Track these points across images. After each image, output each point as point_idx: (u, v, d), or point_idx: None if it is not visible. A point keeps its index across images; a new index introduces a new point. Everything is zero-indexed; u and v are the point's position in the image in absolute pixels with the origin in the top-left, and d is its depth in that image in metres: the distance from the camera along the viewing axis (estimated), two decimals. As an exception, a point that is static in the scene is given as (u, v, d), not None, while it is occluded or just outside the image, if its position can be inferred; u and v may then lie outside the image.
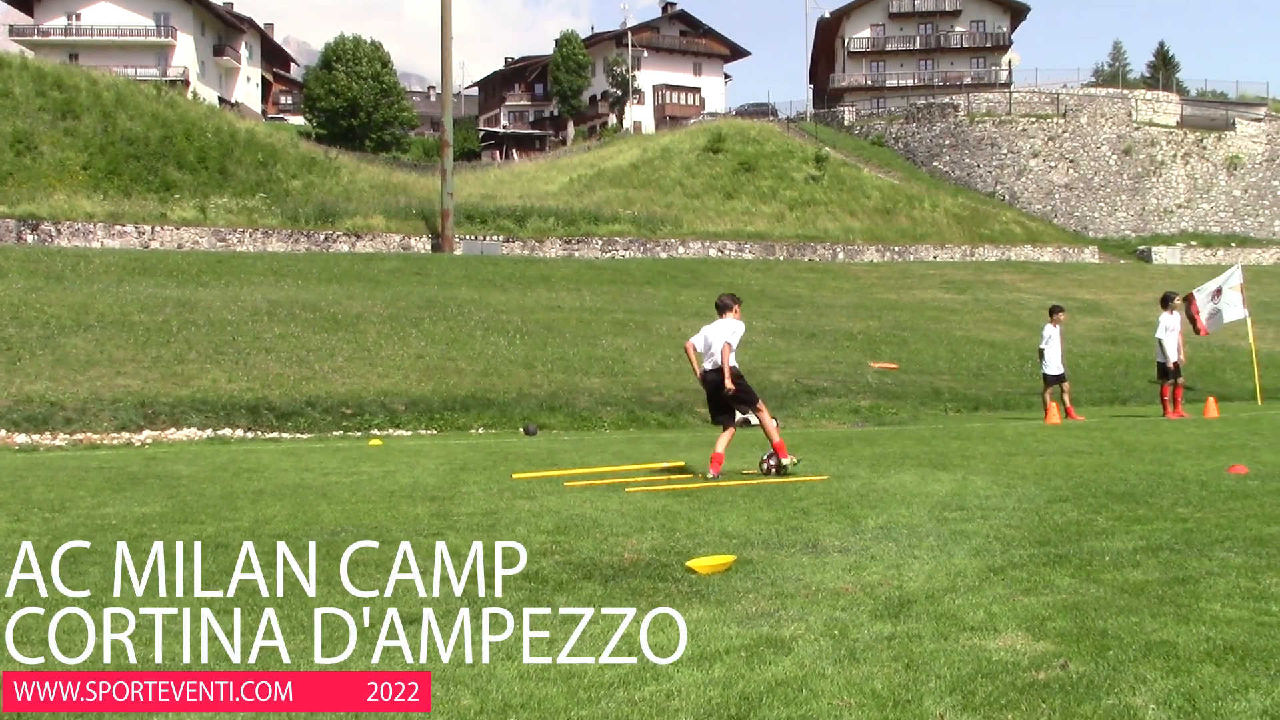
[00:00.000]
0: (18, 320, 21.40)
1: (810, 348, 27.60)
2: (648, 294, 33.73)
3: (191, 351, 21.14)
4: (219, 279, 29.72)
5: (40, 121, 44.44)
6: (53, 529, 8.09)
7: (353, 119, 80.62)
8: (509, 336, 24.97)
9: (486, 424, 19.99)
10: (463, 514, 8.75)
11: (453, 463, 13.08)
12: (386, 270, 33.62)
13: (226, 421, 18.63)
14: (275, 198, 44.64)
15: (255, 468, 12.61)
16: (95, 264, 30.04)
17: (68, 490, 10.38)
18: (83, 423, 17.73)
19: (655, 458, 13.53)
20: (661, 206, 51.88)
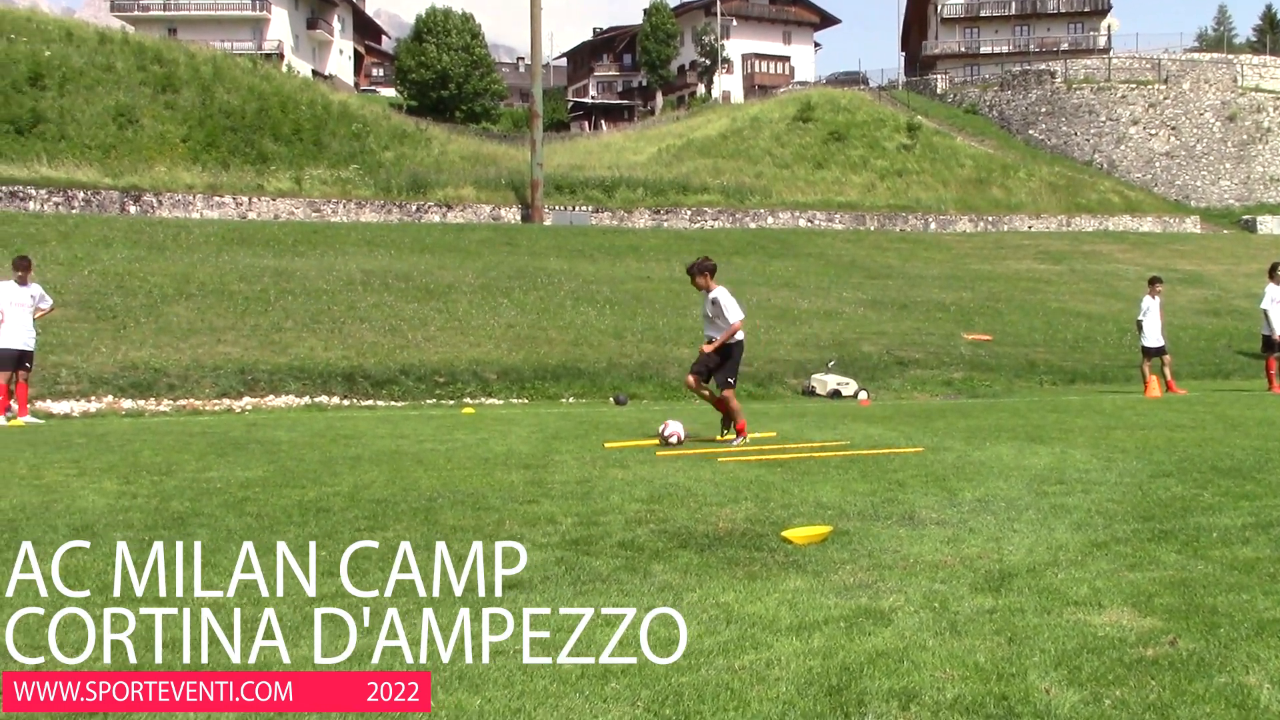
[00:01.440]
0: (123, 289, 21.98)
1: (902, 319, 27.31)
2: (737, 264, 33.58)
3: (289, 320, 21.54)
4: (314, 249, 30.21)
5: (141, 95, 45.42)
6: (161, 491, 8.29)
7: (443, 90, 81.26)
8: (598, 306, 25.06)
9: (577, 393, 20.11)
10: (557, 482, 8.82)
11: (545, 431, 13.18)
12: (477, 240, 33.91)
13: (323, 389, 18.97)
14: (368, 169, 45.19)
15: (352, 434, 12.81)
16: (195, 234, 30.71)
17: (174, 454, 10.64)
18: (185, 389, 18.18)
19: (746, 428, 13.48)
20: (750, 176, 51.55)
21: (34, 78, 43.42)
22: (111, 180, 39.56)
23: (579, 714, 3.62)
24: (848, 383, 21.19)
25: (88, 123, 42.84)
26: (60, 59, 45.08)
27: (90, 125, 42.77)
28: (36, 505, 7.66)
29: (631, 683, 3.88)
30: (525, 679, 3.92)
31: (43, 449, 11.11)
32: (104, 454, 10.69)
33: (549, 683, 3.89)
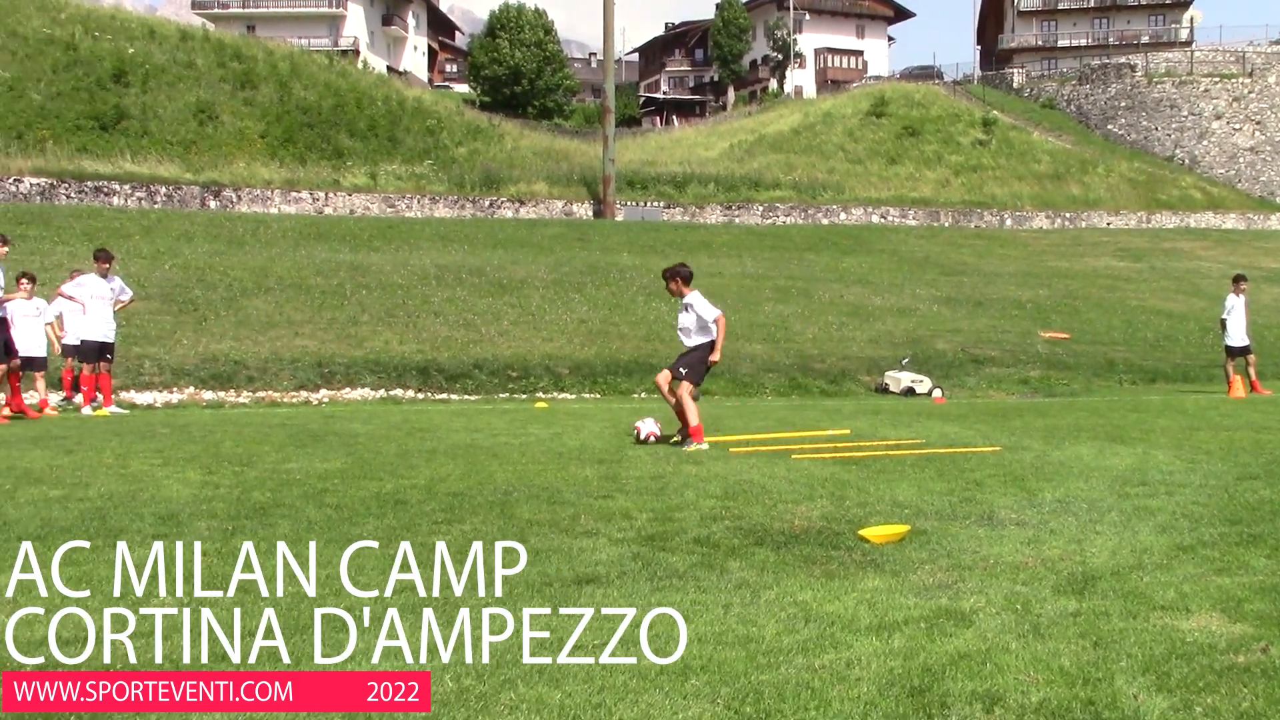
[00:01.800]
0: (204, 283, 22.38)
1: (977, 316, 26.99)
2: (809, 260, 33.42)
3: (364, 314, 21.79)
4: (389, 244, 30.53)
5: (221, 92, 46.19)
6: (242, 482, 8.43)
7: (515, 86, 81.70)
8: (670, 302, 24.99)
9: (649, 389, 20.13)
10: (631, 477, 8.83)
11: (618, 426, 13.21)
12: (549, 236, 34.06)
13: (398, 382, 19.17)
14: (442, 164, 45.57)
15: (427, 427, 12.94)
16: (273, 229, 31.18)
17: (253, 445, 10.82)
18: (264, 381, 18.47)
19: (820, 425, 13.42)
20: (823, 172, 51.23)
21: (118, 75, 44.32)
22: (192, 176, 40.29)
23: (659, 710, 3.62)
24: (922, 380, 20.99)
25: (169, 119, 43.66)
26: (143, 56, 45.98)
27: (172, 121, 43.59)
28: (124, 494, 7.82)
29: (711, 680, 3.88)
30: (604, 674, 3.92)
31: (128, 439, 11.35)
32: (186, 444, 10.90)
33: (628, 678, 3.89)
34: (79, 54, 44.67)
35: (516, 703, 3.64)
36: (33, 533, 6.41)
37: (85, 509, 7.22)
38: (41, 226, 27.77)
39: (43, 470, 8.92)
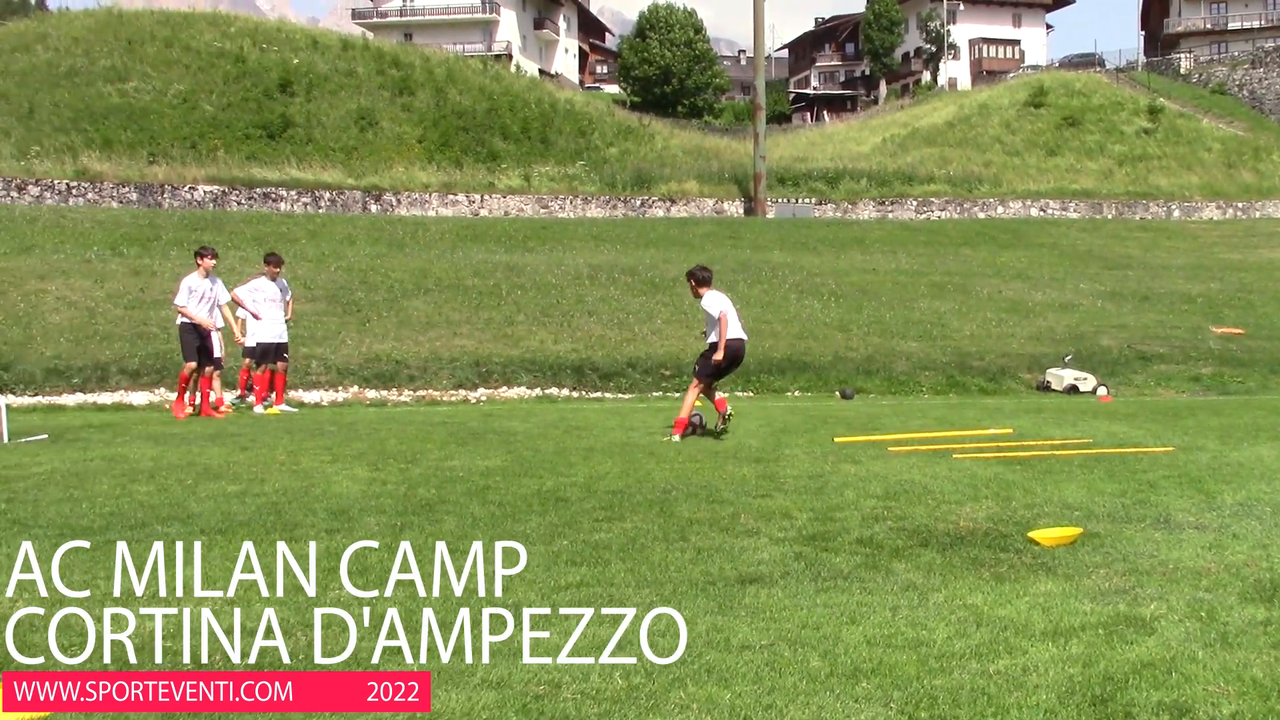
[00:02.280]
0: (366, 284, 23.03)
1: (1143, 311, 26.03)
2: (965, 255, 32.71)
3: (520, 314, 22.13)
4: (543, 244, 30.94)
5: (380, 99, 47.45)
6: (407, 479, 8.63)
7: (665, 86, 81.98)
8: (823, 299, 24.81)
9: (802, 387, 19.97)
10: (789, 476, 8.77)
11: (772, 425, 13.14)
12: (700, 234, 34.08)
13: (553, 381, 19.41)
14: (594, 165, 45.97)
15: (583, 425, 13.07)
16: (431, 231, 31.89)
17: (417, 443, 11.07)
18: (424, 380, 18.91)
19: (981, 424, 13.12)
20: (979, 165, 50.06)
21: (283, 84, 45.94)
22: (354, 180, 41.50)
23: (830, 713, 3.58)
24: (1086, 378, 20.34)
25: (332, 126, 45.05)
26: (307, 66, 47.54)
27: (334, 128, 44.97)
28: (297, 490, 8.09)
29: (883, 683, 3.81)
30: (774, 674, 3.89)
31: (298, 436, 11.74)
32: (353, 441, 11.22)
33: (798, 679, 3.85)
34: (247, 66, 46.44)
35: (686, 702, 3.64)
36: (214, 526, 6.68)
37: (262, 504, 7.49)
38: (215, 232, 28.96)
39: (221, 466, 9.29)
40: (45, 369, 17.93)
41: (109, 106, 42.46)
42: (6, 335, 18.82)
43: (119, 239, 26.82)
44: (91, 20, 48.99)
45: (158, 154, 40.25)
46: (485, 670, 3.96)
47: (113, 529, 6.59)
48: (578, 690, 3.75)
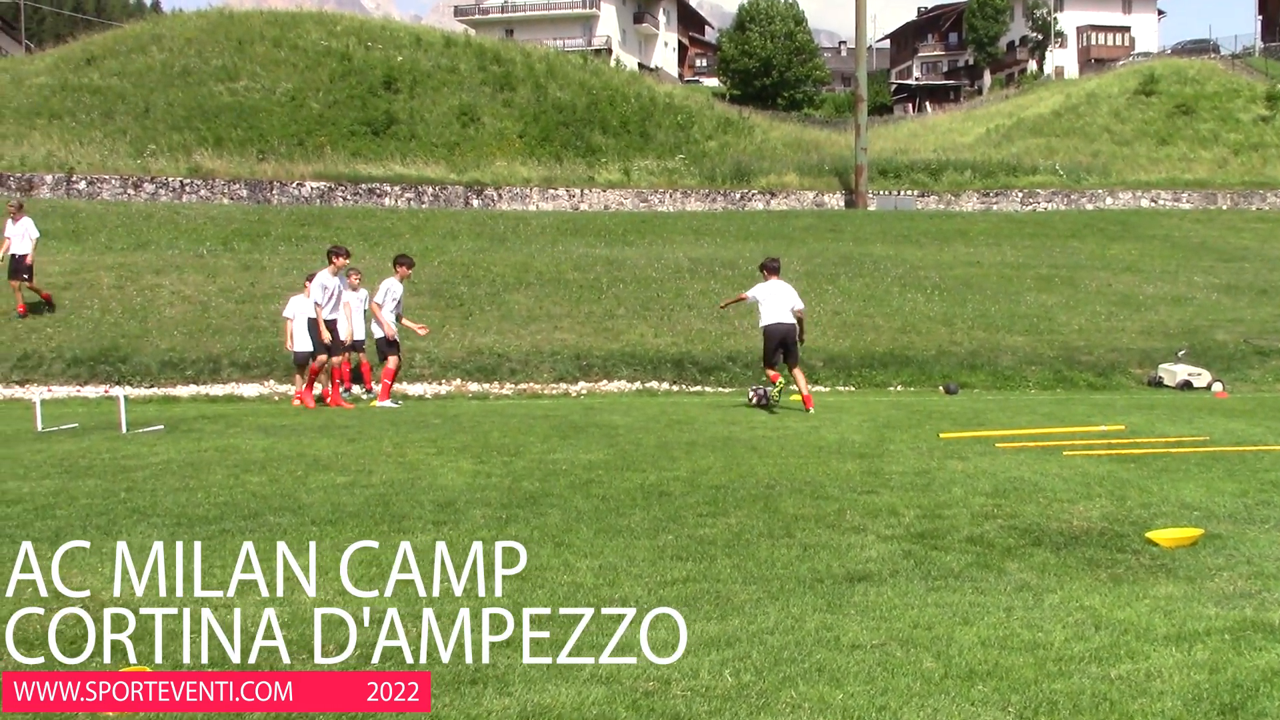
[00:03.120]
0: (468, 279, 23.23)
1: (1261, 305, 25.18)
2: (1073, 248, 31.95)
3: (620, 308, 22.15)
4: (643, 238, 30.94)
5: (482, 94, 47.87)
6: (511, 472, 8.69)
7: (765, 78, 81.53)
8: (926, 293, 24.44)
9: (905, 381, 19.70)
10: (894, 472, 8.65)
11: (876, 420, 12.98)
12: (801, 227, 33.80)
13: (653, 374, 19.41)
14: (693, 158, 45.86)
15: (684, 419, 13.04)
16: (532, 226, 32.10)
17: (519, 436, 11.15)
18: (525, 373, 19.03)
19: (1090, 420, 12.81)
20: (1087, 155, 48.85)
21: (388, 82, 46.60)
22: (456, 176, 41.92)
23: (946, 715, 3.51)
24: (1200, 373, 19.74)
25: (434, 122, 45.57)
26: (410, 64, 48.15)
27: (437, 124, 45.48)
28: (403, 481, 8.19)
29: (999, 686, 3.72)
30: (886, 675, 3.83)
31: (404, 428, 11.90)
32: (457, 434, 11.33)
33: (911, 680, 3.78)
34: (353, 64, 47.17)
35: (798, 701, 3.59)
36: (324, 517, 6.79)
37: (370, 495, 7.59)
38: (321, 227, 29.49)
39: (329, 458, 9.45)
40: (160, 361, 18.41)
41: (220, 105, 43.48)
42: (124, 329, 19.37)
43: (230, 234, 27.45)
44: (203, 21, 50.20)
45: (267, 151, 41.11)
46: (595, 665, 3.95)
47: (227, 519, 6.74)
48: (687, 687, 3.72)
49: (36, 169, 36.38)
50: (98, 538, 6.17)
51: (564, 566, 5.55)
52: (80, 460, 9.26)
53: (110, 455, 9.59)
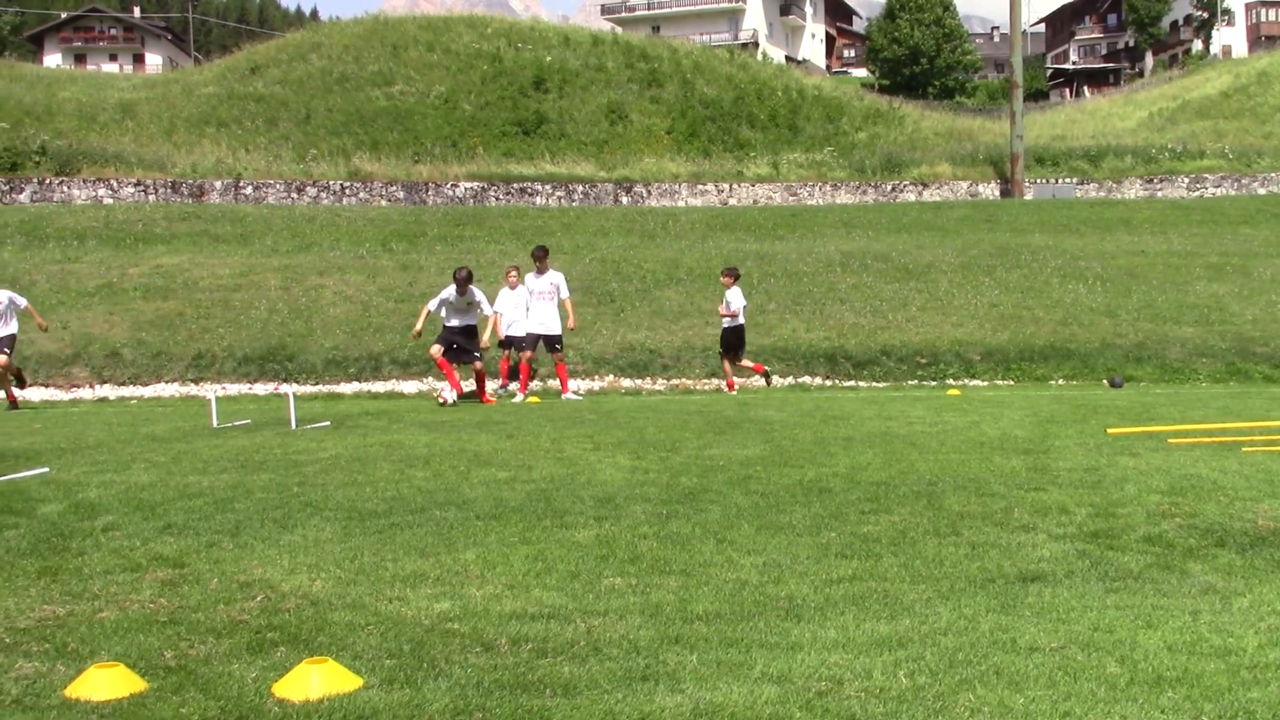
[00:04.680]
0: (619, 275, 23.42)
1: None
2: (1245, 235, 30.58)
3: (771, 302, 22.04)
4: (793, 232, 30.73)
5: (629, 92, 48.20)
6: (669, 467, 8.71)
7: (915, 67, 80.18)
8: (1088, 284, 23.69)
9: (1067, 375, 19.14)
10: (1062, 469, 8.39)
11: (1038, 415, 12.63)
12: (955, 218, 33.11)
13: (806, 369, 19.27)
14: (842, 150, 45.36)
15: (840, 415, 12.90)
16: (681, 221, 32.17)
17: (675, 432, 11.17)
18: (678, 369, 19.09)
19: (1270, 415, 12.23)
20: (1258, 137, 46.73)
21: (537, 82, 47.29)
22: (605, 174, 42.27)
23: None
24: (1387, 365, 18.73)
25: (583, 121, 46.07)
26: (559, 63, 48.78)
27: (585, 123, 45.97)
28: (563, 477, 8.28)
29: (1190, 693, 3.57)
30: (1068, 680, 3.70)
31: (560, 424, 12.04)
32: (613, 430, 11.41)
33: (1095, 686, 3.65)
34: (503, 65, 48.00)
35: (976, 705, 3.50)
36: (488, 512, 6.91)
37: (531, 490, 7.69)
38: (475, 227, 30.08)
39: (490, 453, 9.61)
40: (325, 359, 19.03)
41: (376, 109, 44.72)
42: (290, 328, 20.08)
43: (389, 235, 28.19)
44: (360, 28, 51.70)
45: (421, 153, 42.10)
46: (765, 663, 3.92)
47: (395, 512, 6.90)
48: (860, 688, 3.66)
49: (207, 175, 37.92)
50: (274, 531, 6.40)
51: (727, 563, 5.53)
52: (254, 455, 9.61)
53: (282, 450, 9.93)
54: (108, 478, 8.35)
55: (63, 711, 3.54)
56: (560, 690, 3.69)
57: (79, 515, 6.91)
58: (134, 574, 5.41)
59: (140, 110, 44.85)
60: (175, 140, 41.55)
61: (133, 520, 6.73)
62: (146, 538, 6.23)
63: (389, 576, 5.31)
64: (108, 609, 4.76)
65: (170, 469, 8.80)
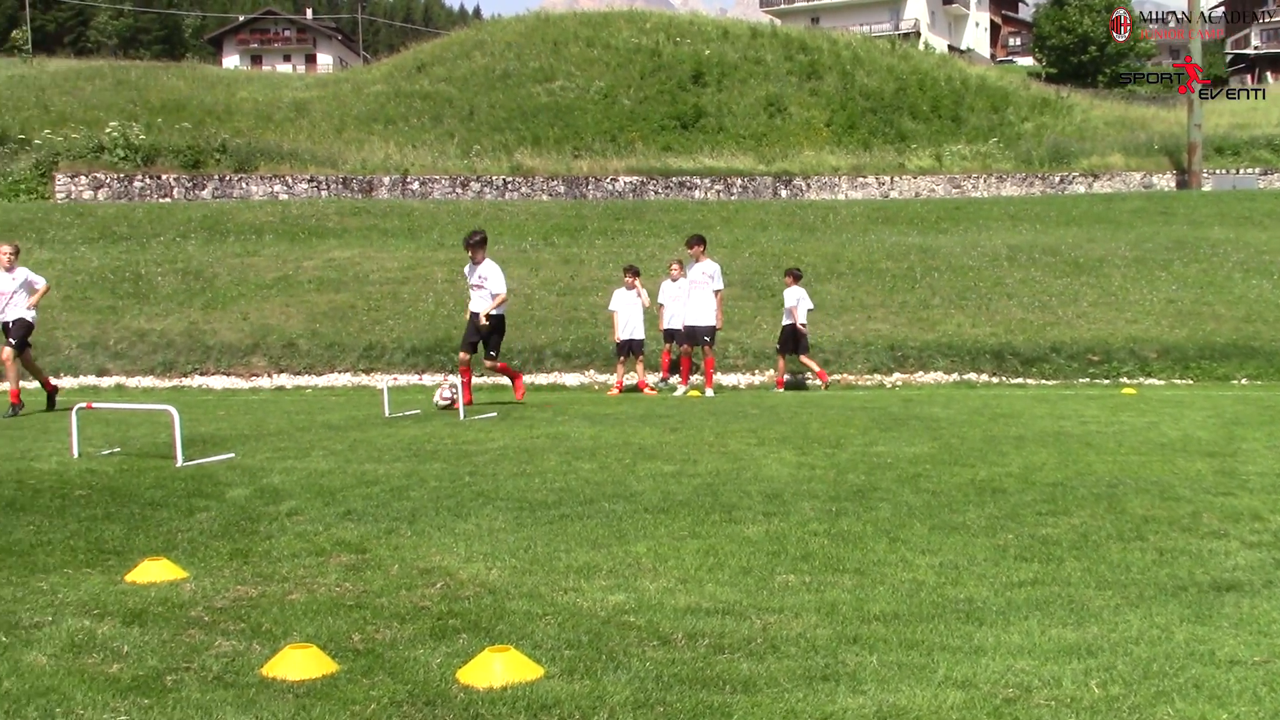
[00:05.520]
0: (779, 269, 23.04)
1: None
2: None
3: (935, 297, 21.60)
4: (956, 225, 30.06)
5: (788, 84, 47.87)
6: (835, 464, 8.61)
7: (1083, 54, 77.51)
8: (1274, 279, 22.53)
9: (1251, 374, 18.26)
10: (1251, 473, 8.02)
11: (1222, 415, 12.09)
12: (1128, 210, 31.91)
13: (971, 365, 18.82)
14: (1007, 141, 44.24)
15: (1009, 413, 12.57)
16: (842, 215, 31.78)
17: (839, 428, 11.04)
18: (839, 364, 18.85)
19: None
20: None
21: (696, 76, 47.34)
22: (764, 167, 42.05)
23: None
24: None
25: (741, 114, 45.93)
26: (718, 56, 48.74)
27: (744, 116, 45.82)
28: (728, 471, 8.26)
29: None
30: (1275, 696, 3.53)
31: (723, 418, 12.02)
32: (776, 425, 11.34)
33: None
34: (662, 60, 48.19)
35: (1176, 719, 3.35)
36: (656, 505, 6.93)
37: (698, 484, 7.69)
38: (635, 221, 30.21)
39: (654, 446, 9.65)
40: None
41: (538, 105, 45.37)
42: (456, 320, 20.45)
43: (550, 229, 28.52)
44: (522, 25, 52.54)
45: (581, 148, 42.57)
46: (948, 667, 3.83)
47: (565, 503, 6.98)
48: (1050, 696, 3.55)
49: (375, 171, 39.03)
50: (449, 519, 6.54)
51: (902, 563, 5.43)
52: (426, 445, 9.84)
53: (452, 440, 10.15)
54: (289, 464, 8.65)
55: (261, 689, 3.67)
56: (740, 687, 3.67)
57: (264, 500, 7.17)
58: (319, 558, 5.59)
59: (313, 109, 46.41)
60: (345, 137, 42.87)
61: (314, 505, 6.96)
62: (328, 523, 6.43)
63: (562, 567, 5.37)
64: (296, 591, 4.93)
65: (347, 456, 9.08)
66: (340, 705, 3.52)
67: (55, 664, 3.93)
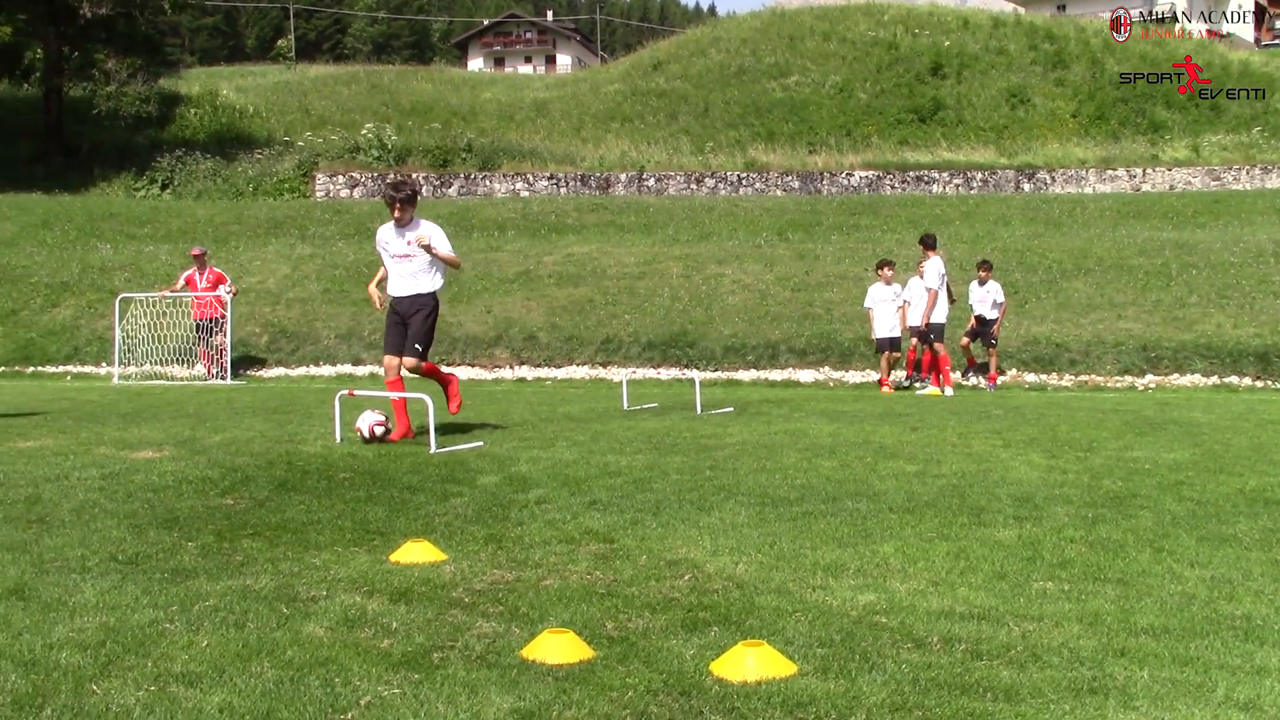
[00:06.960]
0: (1022, 265, 22.45)
1: None
2: None
3: (1192, 295, 20.47)
4: (1216, 220, 28.43)
5: (1032, 74, 46.19)
6: (1089, 468, 8.27)
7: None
8: None
9: None
10: None
11: None
12: None
13: (1233, 368, 17.77)
14: (1273, 130, 41.45)
15: (1278, 420, 11.80)
16: (1090, 209, 30.50)
17: (1090, 431, 10.60)
18: (1086, 364, 18.12)
19: None
20: None
21: (934, 68, 46.24)
22: (1006, 160, 40.70)
23: None
24: None
25: (982, 106, 44.59)
26: (957, 48, 47.47)
27: (984, 108, 44.48)
28: (974, 473, 8.03)
29: None
30: None
31: (965, 418, 11.72)
32: (1021, 426, 10.99)
33: None
34: (899, 52, 47.27)
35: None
36: (900, 505, 6.81)
37: (942, 485, 7.52)
38: (871, 216, 29.79)
39: (895, 445, 9.49)
40: (724, 346, 19.46)
41: (772, 101, 45.23)
42: (691, 315, 20.67)
43: (784, 225, 28.42)
44: (757, 21, 52.47)
45: (816, 143, 42.21)
46: (1228, 687, 3.62)
47: (807, 500, 6.93)
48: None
49: (612, 168, 39.71)
50: (693, 512, 6.59)
51: (1169, 574, 5.16)
52: (665, 438, 9.95)
53: (690, 434, 10.23)
54: (534, 454, 8.90)
55: (522, 671, 3.78)
56: (1001, 695, 3.56)
57: (513, 487, 7.40)
58: (569, 546, 5.73)
59: (552, 108, 47.62)
60: (583, 135, 43.81)
61: (561, 495, 7.13)
62: (575, 512, 6.58)
63: (809, 564, 5.33)
64: (550, 577, 5.07)
65: (590, 447, 9.27)
66: (599, 690, 3.59)
67: (332, 636, 4.15)
